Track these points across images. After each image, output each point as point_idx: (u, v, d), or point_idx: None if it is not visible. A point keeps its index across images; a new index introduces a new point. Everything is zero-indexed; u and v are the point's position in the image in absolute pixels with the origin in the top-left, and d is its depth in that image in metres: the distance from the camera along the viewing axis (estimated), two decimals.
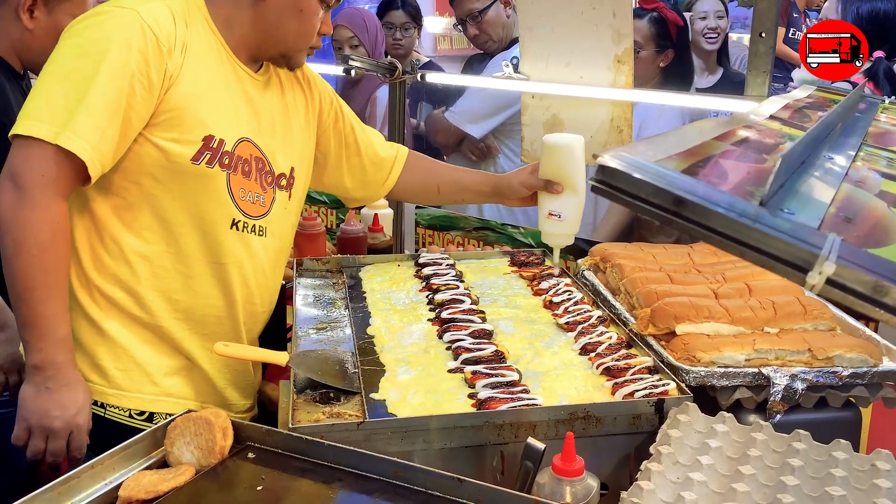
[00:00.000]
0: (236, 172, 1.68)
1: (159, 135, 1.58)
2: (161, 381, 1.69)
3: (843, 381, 1.51)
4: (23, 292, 1.49)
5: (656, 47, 3.07)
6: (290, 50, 1.74)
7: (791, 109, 1.44)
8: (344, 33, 3.62)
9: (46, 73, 1.53)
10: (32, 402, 1.52)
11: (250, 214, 1.72)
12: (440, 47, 7.41)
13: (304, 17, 1.69)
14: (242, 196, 1.70)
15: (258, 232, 1.75)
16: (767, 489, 1.21)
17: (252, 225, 1.73)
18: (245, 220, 1.71)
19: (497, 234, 2.78)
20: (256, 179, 1.73)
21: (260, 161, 1.74)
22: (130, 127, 1.54)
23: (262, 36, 1.70)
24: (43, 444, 1.53)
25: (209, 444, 1.25)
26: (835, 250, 0.58)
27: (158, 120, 1.57)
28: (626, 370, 1.54)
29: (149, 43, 1.53)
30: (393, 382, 1.52)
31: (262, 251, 1.77)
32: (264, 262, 1.79)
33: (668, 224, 0.63)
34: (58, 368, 1.52)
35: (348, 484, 1.21)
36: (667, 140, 0.85)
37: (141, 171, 1.59)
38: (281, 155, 1.79)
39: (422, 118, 3.66)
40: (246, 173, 1.70)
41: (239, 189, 1.69)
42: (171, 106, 1.57)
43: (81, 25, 1.55)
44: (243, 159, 1.69)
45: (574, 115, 2.50)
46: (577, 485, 1.24)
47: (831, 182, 0.87)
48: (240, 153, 1.68)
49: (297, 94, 1.88)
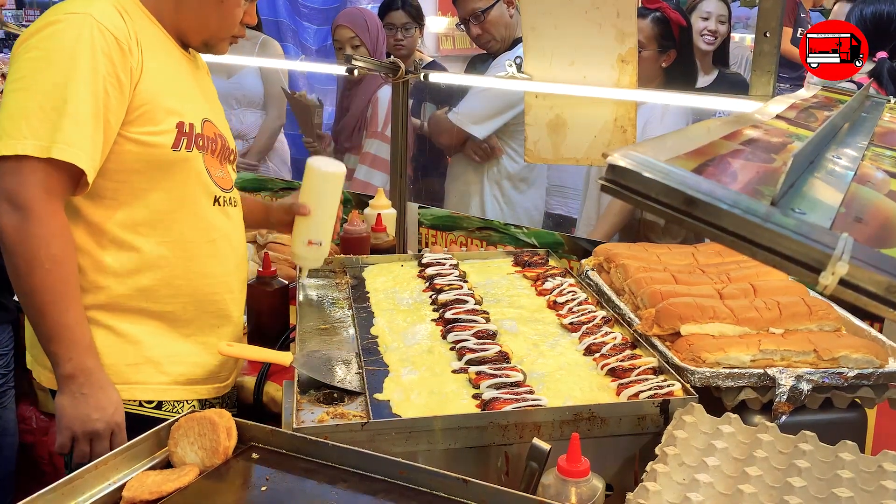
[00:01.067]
0: (206, 152, 1.73)
1: (135, 130, 1.60)
2: (169, 370, 1.72)
3: (849, 382, 1.50)
4: (43, 306, 1.51)
5: (659, 47, 3.06)
6: (213, 38, 1.78)
7: (797, 109, 1.44)
8: (345, 33, 3.62)
9: (13, 90, 1.52)
10: (72, 410, 1.55)
11: (224, 188, 1.79)
12: (443, 47, 7.40)
13: (226, 7, 1.74)
14: (216, 173, 1.77)
15: (232, 203, 1.83)
16: (774, 490, 1.20)
17: (228, 197, 1.80)
18: (223, 195, 1.78)
19: (500, 234, 2.78)
20: (218, 157, 1.79)
21: (221, 138, 1.80)
22: (111, 129, 1.56)
23: (186, 24, 1.74)
24: (88, 447, 1.57)
25: (213, 444, 1.24)
26: (847, 250, 0.57)
27: (132, 116, 1.59)
28: (630, 371, 1.53)
29: (110, 45, 1.55)
30: (397, 383, 1.51)
31: (238, 219, 1.86)
32: (241, 230, 1.88)
33: (679, 223, 0.62)
34: (89, 374, 1.56)
35: (353, 484, 1.20)
36: (675, 139, 0.84)
37: (124, 169, 1.61)
38: (226, 131, 1.87)
39: (425, 118, 3.65)
40: (213, 152, 1.76)
41: (211, 167, 1.75)
42: (141, 101, 1.60)
43: (37, 38, 1.54)
44: (210, 139, 1.75)
45: (578, 114, 2.49)
46: (582, 485, 1.23)
47: (840, 182, 0.87)
48: (207, 133, 1.74)
49: (207, 78, 1.95)
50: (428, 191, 3.64)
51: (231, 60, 3.89)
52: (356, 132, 3.74)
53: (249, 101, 3.99)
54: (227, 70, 3.96)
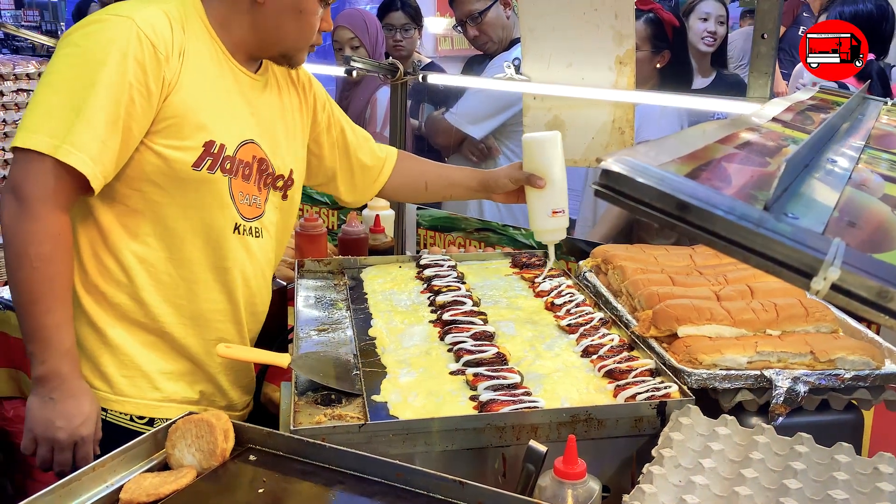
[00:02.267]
0: (237, 177, 1.68)
1: (160, 142, 1.57)
2: (164, 387, 1.69)
3: (846, 384, 1.51)
4: (26, 304, 1.50)
5: (652, 48, 3.07)
6: (291, 49, 1.74)
7: (793, 112, 1.44)
8: (344, 34, 3.62)
9: (44, 84, 1.52)
10: (38, 412, 1.53)
11: (247, 217, 1.73)
12: (441, 48, 7.42)
13: (304, 17, 1.69)
14: (241, 199, 1.70)
15: (255, 234, 1.76)
16: (770, 492, 1.21)
17: (249, 227, 1.74)
18: (244, 224, 1.72)
19: (498, 235, 2.78)
20: (255, 182, 1.73)
21: (263, 162, 1.74)
22: (131, 136, 1.54)
23: (261, 37, 1.69)
24: (49, 454, 1.54)
25: (210, 446, 1.25)
26: (839, 256, 0.57)
27: (158, 127, 1.57)
28: (627, 372, 1.54)
29: (146, 51, 1.52)
30: (394, 384, 1.51)
31: (260, 252, 1.78)
32: (263, 263, 1.80)
33: (672, 228, 0.63)
34: (63, 379, 1.52)
35: (349, 486, 1.20)
36: (670, 143, 0.85)
37: (142, 178, 1.59)
38: (281, 156, 1.80)
39: (423, 119, 3.66)
40: (246, 176, 1.70)
41: (238, 192, 1.69)
42: (170, 113, 1.57)
43: (78, 34, 1.54)
44: (245, 162, 1.69)
45: (575, 116, 2.50)
46: (578, 488, 1.24)
47: (834, 186, 0.87)
48: (242, 156, 1.68)
49: (292, 96, 1.89)
50: None
51: None
52: None
53: None
54: None
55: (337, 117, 2.02)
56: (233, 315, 1.75)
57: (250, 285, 1.77)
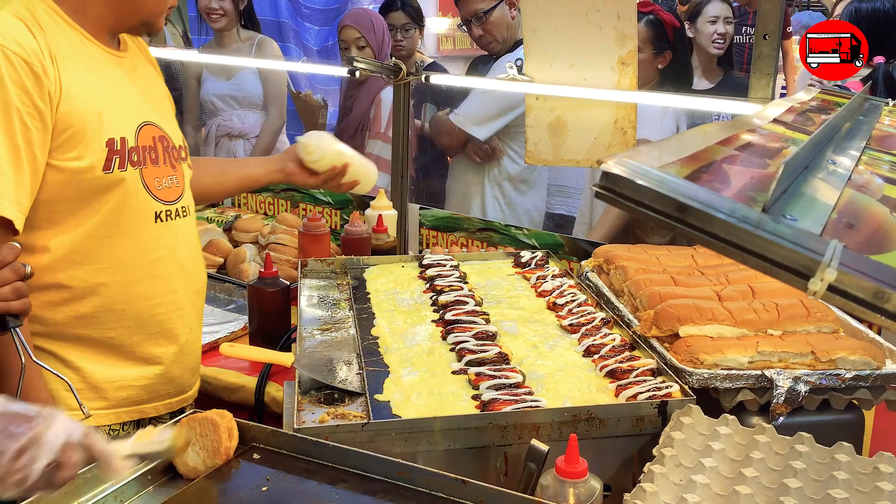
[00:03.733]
0: (146, 164, 1.64)
1: (62, 157, 1.52)
2: (112, 395, 1.67)
3: (846, 384, 1.51)
4: None
5: (654, 49, 3.08)
6: (152, 15, 1.67)
7: (795, 113, 1.45)
8: (351, 34, 3.63)
9: None
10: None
11: (169, 200, 1.69)
12: (443, 48, 7.43)
13: None
14: (158, 186, 1.67)
15: (182, 214, 1.73)
16: (770, 491, 1.21)
17: (174, 209, 1.70)
18: (167, 209, 1.69)
19: (501, 235, 2.79)
20: (165, 161, 1.69)
21: (164, 139, 1.70)
22: (37, 162, 1.48)
23: (120, 9, 1.62)
24: None
25: (214, 444, 1.25)
26: (836, 257, 0.58)
27: (58, 143, 1.51)
28: (629, 372, 1.54)
29: (21, 71, 1.44)
30: (397, 384, 1.52)
31: (188, 230, 1.76)
32: (193, 239, 1.79)
33: (671, 230, 0.64)
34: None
35: (352, 485, 1.21)
36: (671, 144, 0.86)
37: (53, 199, 1.54)
38: (171, 128, 1.76)
39: (426, 119, 3.67)
40: (154, 160, 1.66)
41: (153, 180, 1.66)
42: (66, 124, 1.51)
43: None
44: (148, 147, 1.65)
45: (578, 116, 2.50)
46: (580, 486, 1.24)
47: (834, 187, 0.88)
48: (143, 142, 1.64)
49: (151, 70, 1.84)
50: (429, 192, 3.65)
51: (232, 62, 3.92)
52: (359, 133, 3.75)
53: (250, 102, 4.01)
54: (226, 72, 3.99)
55: None
56: (174, 303, 1.72)
57: (185, 266, 1.74)
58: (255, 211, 3.48)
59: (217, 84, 4.00)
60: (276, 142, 4.13)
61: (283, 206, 3.38)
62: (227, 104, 4.00)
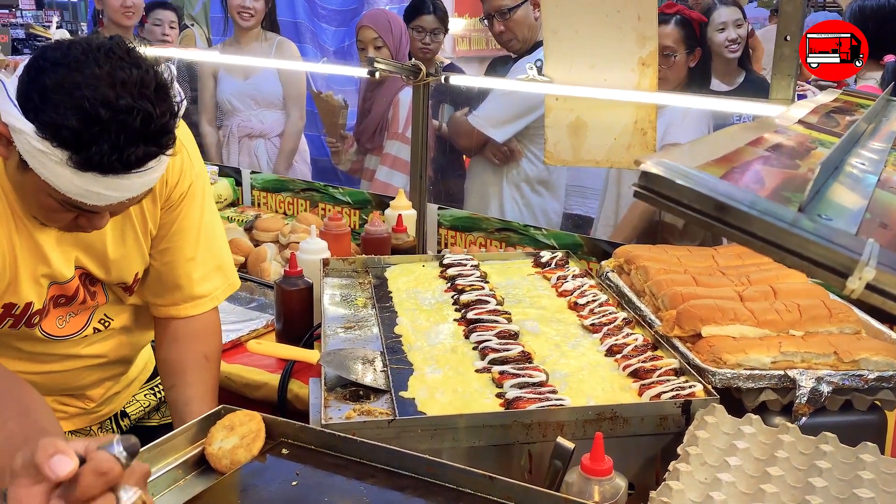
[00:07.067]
0: (47, 316, 1.60)
1: None
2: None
3: (869, 385, 1.51)
4: None
5: (687, 49, 3.09)
6: (38, 214, 1.49)
7: (819, 114, 1.45)
8: (368, 34, 3.65)
9: None
10: None
11: (68, 335, 1.66)
12: (459, 48, 7.43)
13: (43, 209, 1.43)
14: (60, 324, 1.64)
15: (97, 331, 1.70)
16: (795, 490, 1.22)
17: (75, 339, 1.68)
18: (69, 340, 1.67)
19: (520, 235, 2.80)
20: (84, 301, 1.64)
21: (95, 282, 1.65)
22: None
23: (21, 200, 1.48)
24: None
25: (247, 441, 1.28)
26: (874, 256, 0.59)
27: None
28: (652, 372, 1.55)
29: None
30: (422, 381, 1.54)
31: (105, 341, 1.73)
32: (111, 347, 1.75)
33: (709, 229, 0.65)
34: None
35: (380, 480, 1.23)
36: (702, 146, 0.87)
37: None
38: (118, 268, 1.65)
39: (444, 120, 3.68)
40: (68, 300, 1.61)
41: (55, 319, 1.62)
42: None
43: None
44: (65, 297, 1.60)
45: (598, 117, 2.51)
46: (605, 484, 1.26)
47: (864, 187, 0.89)
48: (60, 291, 1.58)
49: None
50: (447, 192, 3.67)
51: (254, 63, 3.95)
52: (377, 133, 3.78)
53: (268, 102, 4.04)
54: (243, 71, 4.02)
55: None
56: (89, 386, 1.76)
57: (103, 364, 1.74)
58: (275, 210, 3.51)
59: (234, 83, 4.03)
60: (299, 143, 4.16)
61: (302, 206, 3.41)
62: (245, 104, 4.03)
